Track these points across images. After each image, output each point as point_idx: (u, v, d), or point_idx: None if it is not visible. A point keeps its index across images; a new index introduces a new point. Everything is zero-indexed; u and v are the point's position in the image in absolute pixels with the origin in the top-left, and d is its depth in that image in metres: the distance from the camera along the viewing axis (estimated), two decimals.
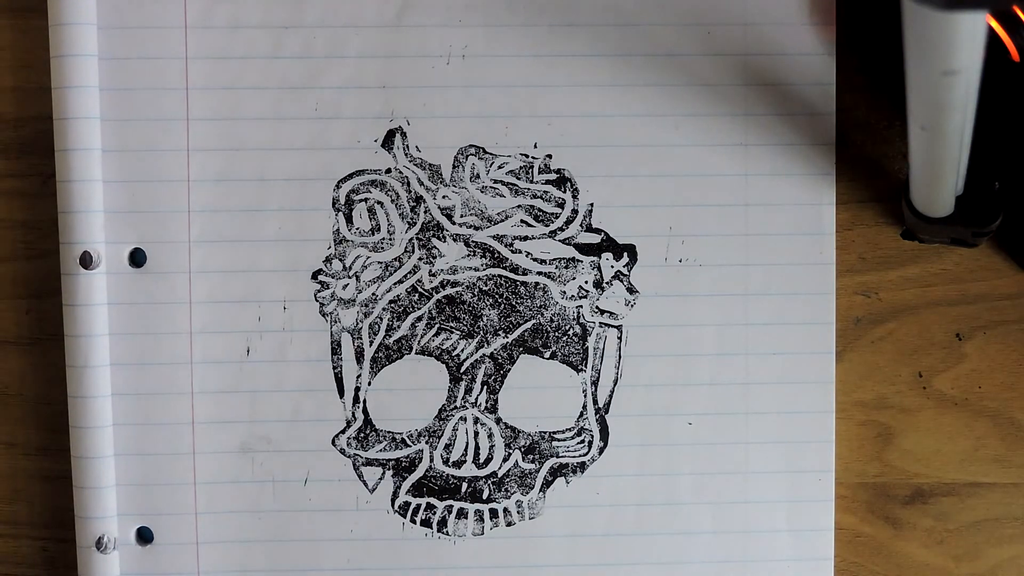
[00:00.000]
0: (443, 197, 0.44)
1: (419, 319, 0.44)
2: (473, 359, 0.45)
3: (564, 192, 0.44)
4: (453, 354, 0.45)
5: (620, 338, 0.45)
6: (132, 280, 0.44)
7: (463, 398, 0.45)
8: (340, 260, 0.44)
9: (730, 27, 0.44)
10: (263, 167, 0.44)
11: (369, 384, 0.45)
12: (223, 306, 0.44)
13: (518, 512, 0.45)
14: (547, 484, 0.45)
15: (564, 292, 0.45)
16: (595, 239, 0.45)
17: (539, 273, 0.45)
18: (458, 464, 0.45)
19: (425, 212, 0.44)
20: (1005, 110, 0.40)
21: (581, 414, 0.45)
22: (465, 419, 0.45)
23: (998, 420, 0.46)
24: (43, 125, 0.44)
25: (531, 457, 0.45)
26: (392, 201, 0.44)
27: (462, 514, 0.45)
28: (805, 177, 0.45)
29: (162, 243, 0.44)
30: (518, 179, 0.44)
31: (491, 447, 0.45)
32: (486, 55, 0.44)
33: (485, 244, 0.44)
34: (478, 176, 0.44)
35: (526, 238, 0.44)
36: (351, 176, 0.44)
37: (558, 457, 0.45)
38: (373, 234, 0.44)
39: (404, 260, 0.44)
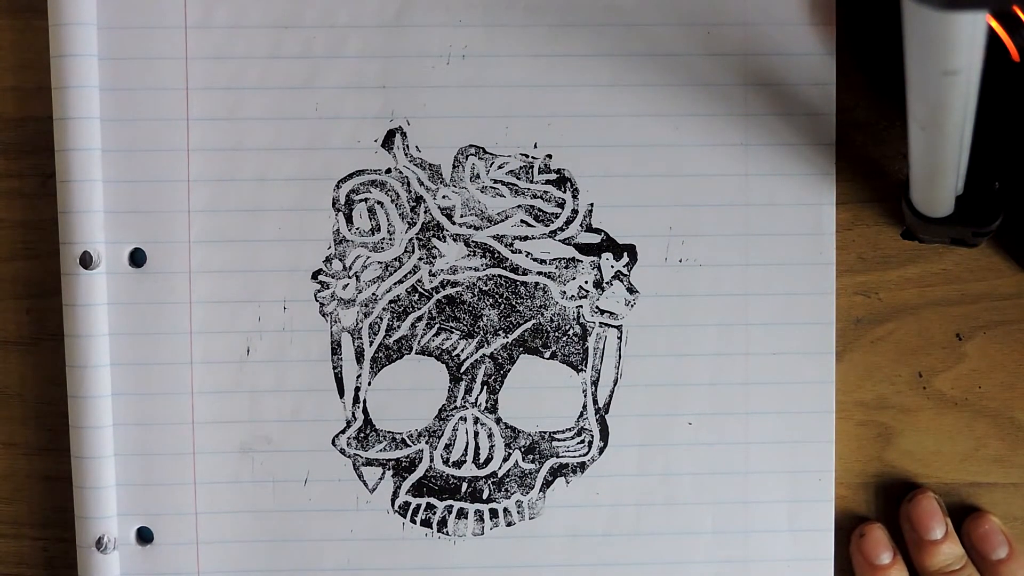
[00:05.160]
0: (443, 197, 0.44)
1: (419, 319, 0.44)
2: (473, 359, 0.45)
3: (564, 192, 0.44)
4: (453, 354, 0.45)
5: (620, 338, 0.45)
6: (132, 280, 0.44)
7: (463, 398, 0.45)
8: (340, 260, 0.44)
9: (730, 27, 0.44)
10: (263, 167, 0.44)
11: (369, 384, 0.45)
12: (223, 306, 0.44)
13: (518, 512, 0.45)
14: (547, 484, 0.45)
15: (564, 292, 0.45)
16: (595, 239, 0.45)
17: (539, 273, 0.45)
18: (458, 464, 0.45)
19: (425, 212, 0.44)
20: (1005, 110, 0.40)
21: (581, 414, 0.45)
22: (465, 419, 0.45)
23: (998, 420, 0.46)
24: (43, 125, 0.44)
25: (531, 457, 0.45)
26: (392, 201, 0.44)
27: (462, 514, 0.45)
28: (805, 177, 0.45)
29: (162, 243, 0.44)
30: (518, 179, 0.44)
31: (491, 447, 0.45)
32: (486, 55, 0.44)
33: (485, 244, 0.44)
34: (478, 176, 0.44)
35: (526, 238, 0.44)
36: (351, 176, 0.44)
37: (558, 457, 0.45)
38: (373, 234, 0.44)
39: (404, 260, 0.44)
